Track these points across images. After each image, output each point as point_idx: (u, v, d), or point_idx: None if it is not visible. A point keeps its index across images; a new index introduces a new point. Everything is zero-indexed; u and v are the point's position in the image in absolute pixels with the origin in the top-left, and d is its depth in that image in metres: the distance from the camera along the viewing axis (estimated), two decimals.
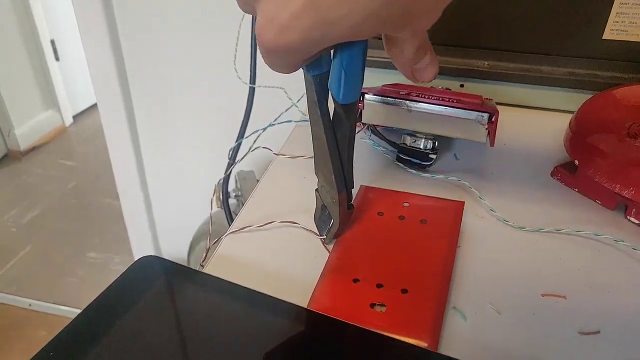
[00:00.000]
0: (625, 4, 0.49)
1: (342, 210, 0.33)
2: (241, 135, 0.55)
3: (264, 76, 0.59)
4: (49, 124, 2.34)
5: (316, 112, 0.30)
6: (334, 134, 0.31)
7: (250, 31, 0.57)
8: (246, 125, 0.58)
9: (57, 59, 2.27)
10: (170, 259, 0.32)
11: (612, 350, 0.28)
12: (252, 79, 0.57)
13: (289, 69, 0.26)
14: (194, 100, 1.05)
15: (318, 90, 0.29)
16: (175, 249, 1.30)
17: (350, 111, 0.30)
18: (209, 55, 0.97)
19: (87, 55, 1.03)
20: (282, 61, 0.25)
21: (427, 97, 0.42)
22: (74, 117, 2.48)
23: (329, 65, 0.28)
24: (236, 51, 0.62)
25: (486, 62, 0.55)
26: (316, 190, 0.36)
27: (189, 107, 1.06)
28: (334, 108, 0.30)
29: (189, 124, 1.09)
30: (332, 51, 0.26)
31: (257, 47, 0.58)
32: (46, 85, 2.27)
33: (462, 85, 0.56)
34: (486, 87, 0.55)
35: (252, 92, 0.58)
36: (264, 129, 0.49)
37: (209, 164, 1.11)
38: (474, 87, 0.56)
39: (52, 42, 2.22)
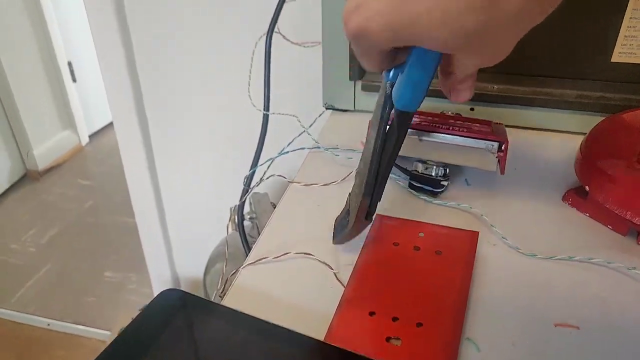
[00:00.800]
0: (633, 27, 0.50)
1: (360, 215, 0.34)
2: (255, 161, 0.57)
3: (277, 103, 0.60)
4: (66, 143, 2.39)
5: (377, 115, 0.31)
6: (384, 141, 0.32)
7: (263, 59, 0.59)
8: (260, 151, 0.59)
9: (74, 80, 2.32)
10: (185, 277, 0.34)
11: None
12: (266, 106, 0.59)
13: (373, 63, 0.28)
14: (209, 121, 1.07)
15: (387, 96, 0.30)
16: (190, 267, 1.31)
17: (404, 122, 0.31)
18: (225, 77, 0.99)
19: (103, 76, 1.06)
20: (365, 49, 0.27)
21: (437, 126, 0.43)
22: (90, 136, 2.53)
23: None
24: (250, 78, 0.63)
25: (495, 86, 0.56)
26: (349, 194, 0.37)
27: (204, 127, 1.08)
28: (392, 116, 0.31)
29: (204, 143, 1.11)
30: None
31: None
32: (63, 106, 2.32)
33: (472, 109, 0.57)
34: (496, 111, 0.56)
35: (265, 118, 0.60)
36: (277, 157, 0.51)
37: (223, 182, 1.13)
38: (484, 111, 0.56)
39: (69, 64, 2.28)
